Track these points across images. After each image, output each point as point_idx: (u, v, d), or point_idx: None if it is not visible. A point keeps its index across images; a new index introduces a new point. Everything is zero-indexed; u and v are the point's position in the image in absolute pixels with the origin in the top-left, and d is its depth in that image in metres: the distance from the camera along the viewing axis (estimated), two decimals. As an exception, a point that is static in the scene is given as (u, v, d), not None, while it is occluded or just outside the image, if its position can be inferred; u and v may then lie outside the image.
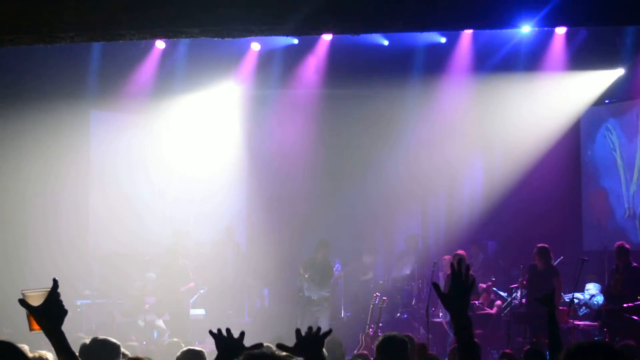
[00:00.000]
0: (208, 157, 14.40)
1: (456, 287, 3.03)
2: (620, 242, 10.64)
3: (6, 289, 10.65)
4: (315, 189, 13.91)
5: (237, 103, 14.29)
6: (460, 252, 11.30)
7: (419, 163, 13.75)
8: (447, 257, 12.56)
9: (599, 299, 11.29)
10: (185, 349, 4.88)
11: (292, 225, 13.44)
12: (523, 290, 10.69)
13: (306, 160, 13.91)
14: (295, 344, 3.11)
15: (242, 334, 3.23)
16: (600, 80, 13.01)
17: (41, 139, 12.61)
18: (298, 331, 3.11)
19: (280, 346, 3.08)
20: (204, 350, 4.72)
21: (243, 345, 3.14)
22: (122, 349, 5.14)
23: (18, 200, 11.74)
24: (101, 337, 4.48)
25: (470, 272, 10.91)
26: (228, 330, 3.24)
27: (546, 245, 10.59)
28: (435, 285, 3.24)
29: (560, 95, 13.28)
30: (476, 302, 11.36)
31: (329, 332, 3.20)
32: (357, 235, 14.10)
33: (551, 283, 10.19)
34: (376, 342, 4.72)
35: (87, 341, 4.45)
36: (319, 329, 3.17)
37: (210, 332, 3.22)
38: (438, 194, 13.74)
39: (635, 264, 10.18)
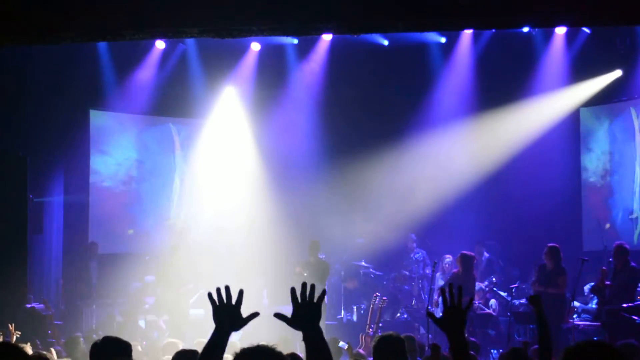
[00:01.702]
0: (207, 156, 14.41)
1: (449, 312, 3.06)
2: (619, 242, 10.63)
3: (6, 290, 10.66)
4: (314, 189, 13.90)
5: (237, 103, 14.29)
6: (469, 253, 11.27)
7: (420, 163, 13.73)
8: (448, 256, 12.58)
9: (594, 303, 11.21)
10: (179, 350, 4.88)
11: (291, 225, 13.42)
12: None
13: (306, 161, 13.90)
14: (293, 314, 2.97)
15: (241, 293, 3.10)
16: (600, 80, 13.00)
17: (41, 138, 12.62)
18: (293, 291, 2.95)
19: (278, 315, 3.00)
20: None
21: (241, 316, 3.07)
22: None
23: (18, 199, 11.72)
24: (112, 336, 4.46)
25: (473, 272, 10.91)
26: (227, 288, 3.09)
27: (556, 245, 10.52)
28: (430, 314, 3.29)
29: (560, 96, 13.28)
30: (476, 301, 11.35)
31: (324, 293, 3.03)
32: (356, 236, 14.09)
33: (557, 283, 10.19)
34: (373, 342, 4.71)
35: (98, 341, 4.41)
36: (312, 290, 2.98)
37: (209, 296, 3.11)
38: (438, 194, 13.72)
39: (633, 264, 10.16)
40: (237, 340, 8.78)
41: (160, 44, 13.27)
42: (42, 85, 12.35)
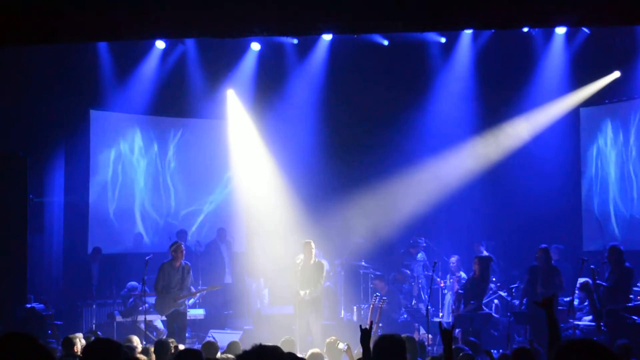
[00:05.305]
0: (206, 156, 14.41)
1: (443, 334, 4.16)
2: (613, 243, 10.68)
3: (6, 289, 10.68)
4: (315, 189, 13.89)
5: (237, 103, 14.29)
6: (485, 255, 11.33)
7: (420, 164, 13.73)
8: (455, 256, 12.58)
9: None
10: (183, 349, 4.88)
11: (292, 225, 13.42)
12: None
13: (306, 160, 13.88)
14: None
15: None
16: (600, 80, 13.00)
17: (41, 138, 12.61)
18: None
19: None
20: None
21: None
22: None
23: (18, 199, 11.73)
24: (104, 337, 4.50)
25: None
26: None
27: (546, 246, 10.68)
28: (439, 325, 3.27)
29: (559, 96, 13.28)
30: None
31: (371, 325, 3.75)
32: (356, 236, 14.08)
33: (553, 283, 10.25)
34: (373, 343, 4.70)
35: (90, 340, 4.45)
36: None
37: None
38: (439, 194, 13.73)
39: (628, 264, 10.19)
40: (238, 340, 8.80)
41: (160, 44, 13.27)
42: (42, 85, 12.35)
